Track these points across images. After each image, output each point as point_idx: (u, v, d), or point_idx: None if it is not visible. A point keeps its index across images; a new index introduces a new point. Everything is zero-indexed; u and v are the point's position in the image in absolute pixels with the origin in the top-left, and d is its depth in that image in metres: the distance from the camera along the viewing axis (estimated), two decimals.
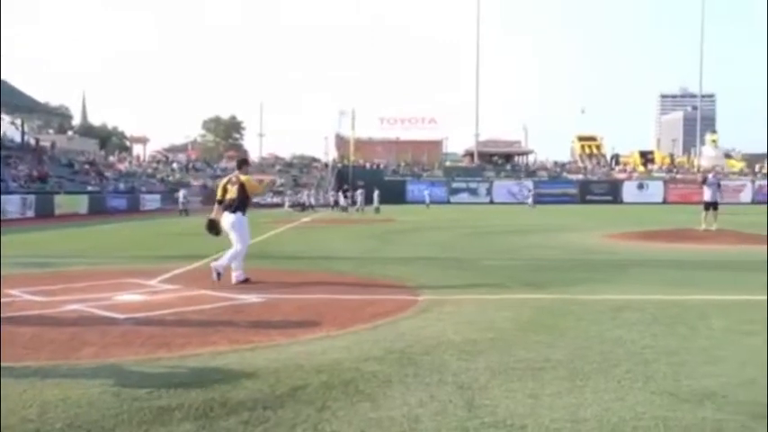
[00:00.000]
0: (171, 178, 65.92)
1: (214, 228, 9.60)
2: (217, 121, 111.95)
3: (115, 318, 6.63)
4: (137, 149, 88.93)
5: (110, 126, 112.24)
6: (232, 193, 9.33)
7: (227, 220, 9.31)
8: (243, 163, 10.04)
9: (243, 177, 9.43)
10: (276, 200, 59.82)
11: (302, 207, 49.16)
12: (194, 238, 19.60)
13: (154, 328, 6.17)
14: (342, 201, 48.13)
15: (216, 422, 3.63)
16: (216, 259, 9.46)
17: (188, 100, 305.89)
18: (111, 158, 70.74)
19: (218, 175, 70.31)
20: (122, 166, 65.03)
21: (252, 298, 7.82)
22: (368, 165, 73.57)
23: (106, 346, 5.42)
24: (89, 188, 44.91)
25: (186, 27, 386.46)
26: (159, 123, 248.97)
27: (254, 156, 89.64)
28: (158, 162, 74.90)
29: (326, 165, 75.97)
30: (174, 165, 72.98)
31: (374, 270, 10.80)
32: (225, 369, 4.69)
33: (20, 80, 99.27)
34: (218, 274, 8.90)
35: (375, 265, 11.54)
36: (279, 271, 10.69)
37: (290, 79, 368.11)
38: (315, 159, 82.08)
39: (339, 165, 73.36)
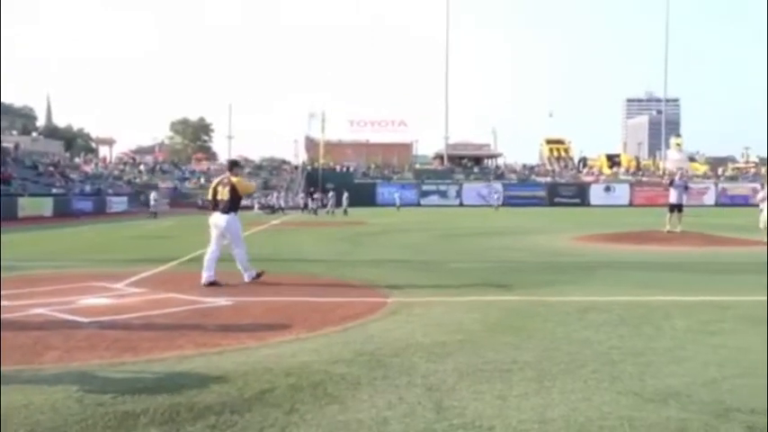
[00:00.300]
0: (138, 180, 65.09)
1: None
2: (185, 122, 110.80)
3: (80, 322, 6.52)
4: (103, 151, 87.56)
5: (75, 127, 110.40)
6: (223, 194, 9.51)
7: (219, 220, 9.51)
8: (234, 164, 10.32)
9: (234, 179, 9.63)
10: (245, 202, 59.38)
11: (272, 209, 48.90)
12: (162, 241, 19.41)
13: (119, 331, 6.08)
14: (310, 203, 47.99)
15: (182, 427, 3.59)
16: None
17: (155, 101, 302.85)
18: (77, 160, 69.59)
19: (186, 177, 69.78)
20: (88, 168, 63.99)
21: (220, 301, 7.75)
22: (338, 167, 73.50)
23: (70, 350, 5.33)
24: (54, 190, 44.11)
25: (153, 28, 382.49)
26: (126, 125, 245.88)
27: (223, 158, 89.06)
28: (125, 164, 73.92)
29: (296, 167, 75.70)
30: (142, 167, 72.08)
31: (344, 272, 10.79)
32: (192, 373, 4.64)
33: None
34: (256, 275, 9.48)
35: (345, 268, 11.52)
36: None
37: (260, 81, 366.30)
38: (284, 162, 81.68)
39: (309, 167, 73.15)
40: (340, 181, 59.37)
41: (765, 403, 3.95)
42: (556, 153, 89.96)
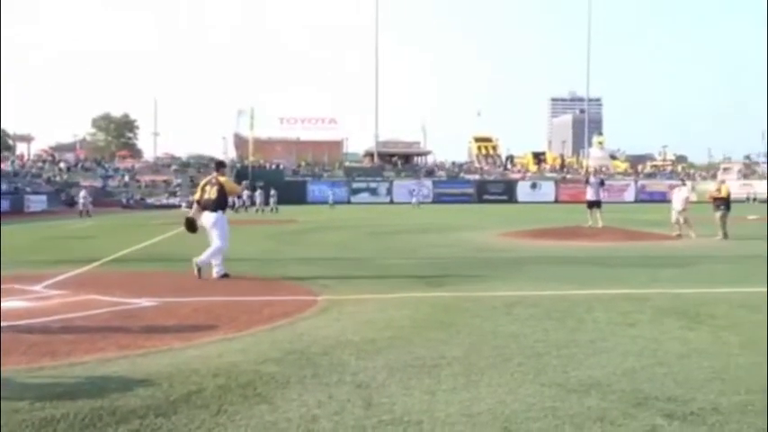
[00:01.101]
0: (58, 178, 62.73)
1: (192, 226, 10.27)
2: (107, 118, 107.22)
3: None
4: (20, 148, 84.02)
5: None
6: (212, 193, 9.97)
7: (208, 218, 9.96)
8: (220, 165, 10.94)
9: (222, 179, 10.19)
10: (172, 200, 58.17)
11: None
12: (83, 242, 18.76)
13: (37, 335, 5.84)
14: (235, 201, 47.19)
15: None
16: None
17: (76, 97, 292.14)
18: None
19: (109, 175, 67.59)
20: (5, 166, 61.26)
21: (143, 302, 7.55)
22: (268, 165, 72.72)
23: None
24: None
25: (74, 20, 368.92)
26: (45, 121, 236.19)
27: (148, 155, 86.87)
28: (44, 161, 71.05)
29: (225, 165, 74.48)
30: (62, 164, 69.45)
31: (274, 271, 10.69)
32: (114, 376, 4.50)
33: None
34: (200, 270, 9.55)
35: (274, 266, 11.42)
36: (173, 273, 10.40)
37: (187, 77, 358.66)
38: (213, 159, 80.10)
39: (238, 165, 72.08)
40: (270, 179, 58.73)
41: (681, 391, 4.13)
42: (484, 151, 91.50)
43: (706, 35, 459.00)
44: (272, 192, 46.02)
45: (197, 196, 10.26)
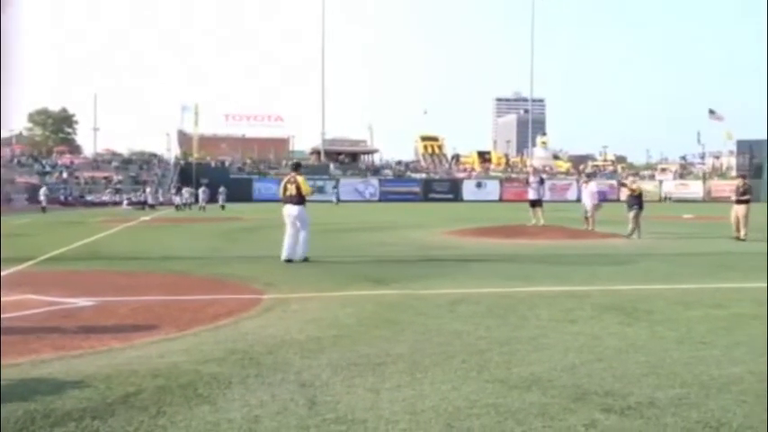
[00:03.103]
0: None
1: None
2: (45, 113, 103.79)
3: None
4: None
5: None
6: (291, 190, 11.82)
7: (291, 210, 11.73)
8: (297, 166, 12.83)
9: (299, 178, 11.96)
10: (114, 198, 56.85)
11: (142, 205, 46.98)
12: (17, 240, 18.13)
13: None
14: (176, 199, 46.42)
15: None
16: None
17: (12, 90, 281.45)
18: None
19: (47, 171, 65.54)
20: None
21: (81, 302, 7.33)
22: (213, 162, 71.69)
23: None
24: None
25: (15, 9, 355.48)
26: None
27: (88, 151, 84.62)
28: None
29: (168, 162, 73.13)
30: None
31: (217, 270, 10.52)
32: (49, 378, 4.35)
33: None
34: (306, 259, 11.50)
35: (218, 265, 11.25)
36: (112, 273, 10.14)
37: (128, 71, 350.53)
38: (155, 155, 78.61)
39: (182, 162, 70.85)
40: (215, 176, 57.95)
41: (620, 385, 4.23)
42: (430, 150, 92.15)
43: (646, 39, 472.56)
44: (221, 189, 45.46)
45: (281, 193, 12.09)
